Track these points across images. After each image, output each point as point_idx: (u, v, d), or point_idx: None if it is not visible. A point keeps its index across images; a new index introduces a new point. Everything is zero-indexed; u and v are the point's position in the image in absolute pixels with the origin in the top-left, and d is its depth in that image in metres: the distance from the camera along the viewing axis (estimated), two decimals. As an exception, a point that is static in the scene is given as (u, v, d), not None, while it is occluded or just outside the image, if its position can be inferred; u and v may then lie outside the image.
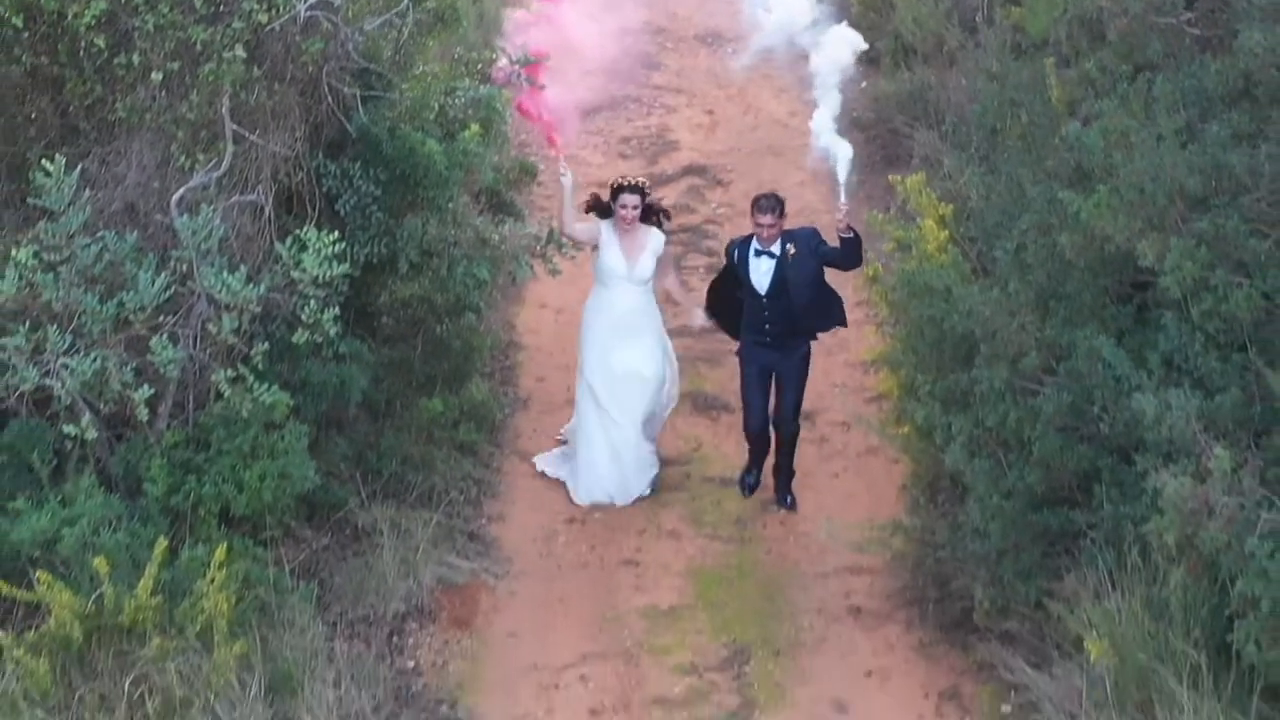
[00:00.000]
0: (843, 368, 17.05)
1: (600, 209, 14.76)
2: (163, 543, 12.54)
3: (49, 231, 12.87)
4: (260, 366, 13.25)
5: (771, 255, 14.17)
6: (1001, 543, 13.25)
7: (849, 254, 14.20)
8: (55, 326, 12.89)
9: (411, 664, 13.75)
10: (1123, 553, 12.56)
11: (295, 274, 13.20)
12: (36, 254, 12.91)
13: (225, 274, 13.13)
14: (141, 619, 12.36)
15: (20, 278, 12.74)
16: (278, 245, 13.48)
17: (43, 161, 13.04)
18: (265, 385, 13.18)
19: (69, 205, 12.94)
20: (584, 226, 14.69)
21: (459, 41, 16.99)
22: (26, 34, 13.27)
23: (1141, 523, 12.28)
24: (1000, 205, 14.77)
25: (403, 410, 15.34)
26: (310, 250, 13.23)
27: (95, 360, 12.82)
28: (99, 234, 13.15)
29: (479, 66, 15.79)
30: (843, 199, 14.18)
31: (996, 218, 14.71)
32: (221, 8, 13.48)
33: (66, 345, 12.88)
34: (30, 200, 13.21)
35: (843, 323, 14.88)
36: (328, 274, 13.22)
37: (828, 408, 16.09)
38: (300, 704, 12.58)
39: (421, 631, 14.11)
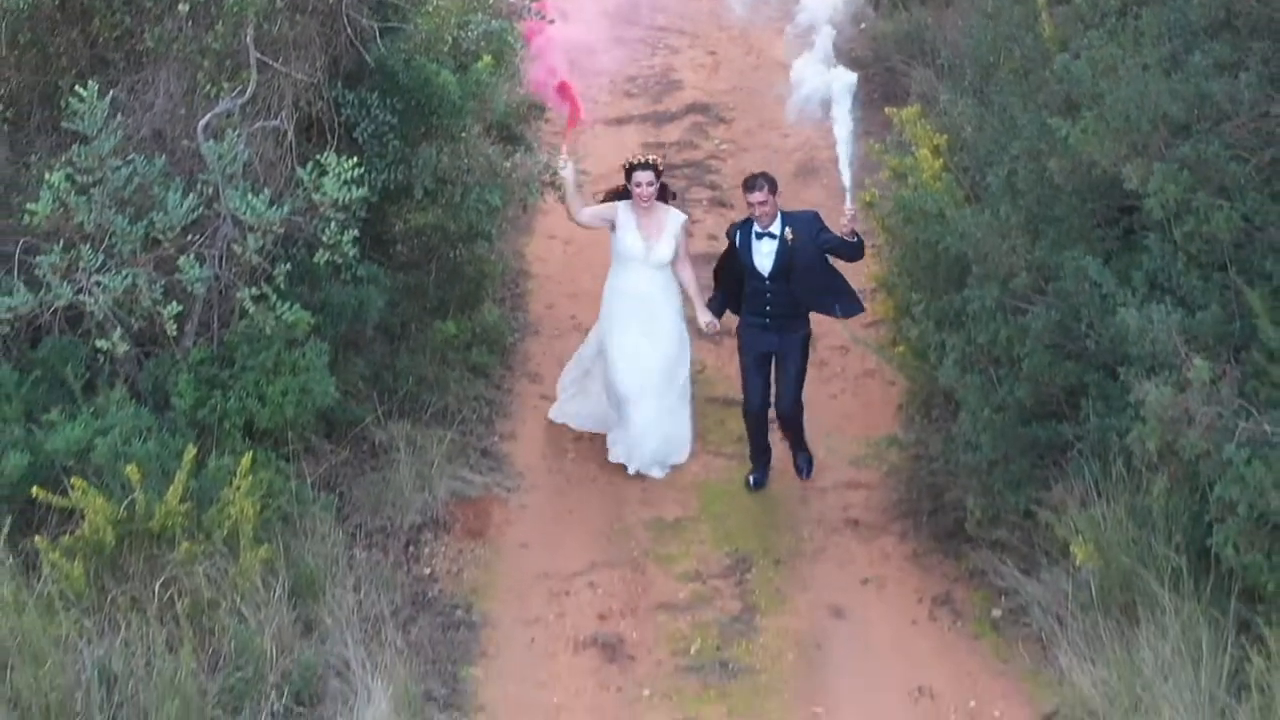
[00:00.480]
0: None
1: (619, 195, 14.49)
2: (191, 450, 12.86)
3: (82, 154, 13.11)
4: (282, 286, 13.51)
5: (773, 236, 14.00)
6: (992, 454, 13.60)
7: (852, 251, 14.14)
8: (88, 246, 13.20)
9: (428, 571, 14.15)
10: (1108, 463, 12.97)
11: (316, 197, 13.43)
12: (69, 177, 13.16)
13: (249, 196, 13.38)
14: (171, 524, 12.70)
15: (54, 199, 13.02)
16: (299, 170, 13.73)
17: (75, 88, 13.28)
18: (287, 304, 13.44)
19: (101, 130, 13.17)
20: (592, 210, 14.50)
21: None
22: (57, -32, 13.55)
23: (1126, 434, 12.63)
24: (992, 135, 14.97)
25: (417, 333, 15.62)
26: (330, 175, 13.47)
27: (126, 278, 13.13)
28: (129, 158, 13.39)
29: (490, 1, 15.93)
30: (848, 203, 14.07)
31: (988, 146, 14.89)
32: (246, -58, 13.68)
33: (99, 264, 13.19)
34: (64, 124, 13.46)
35: (860, 308, 14.60)
36: (347, 197, 13.45)
37: (827, 333, 16.32)
38: (322, 607, 12.95)
39: (437, 541, 14.54)
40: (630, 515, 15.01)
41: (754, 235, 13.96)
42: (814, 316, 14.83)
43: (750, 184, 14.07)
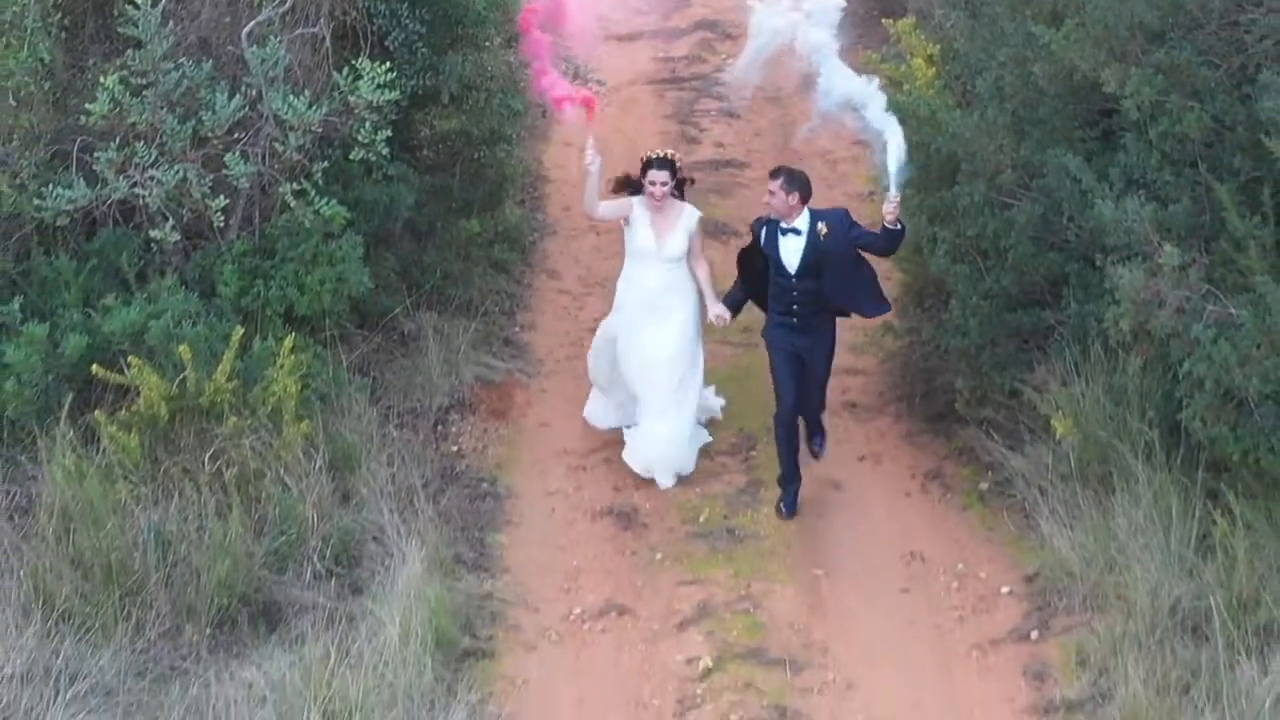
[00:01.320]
0: (842, 198, 17.19)
1: (631, 186, 13.91)
2: (239, 331, 13.46)
3: (135, 59, 13.58)
4: (320, 183, 14.03)
5: (798, 233, 13.33)
6: (980, 339, 14.10)
7: (890, 242, 13.48)
8: (141, 143, 13.68)
9: (455, 448, 14.71)
10: (1087, 346, 13.55)
11: (351, 99, 13.90)
12: (124, 79, 13.63)
13: (290, 98, 13.84)
14: (219, 400, 13.31)
15: (110, 100, 13.48)
16: (335, 74, 14.17)
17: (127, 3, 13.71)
18: (324, 200, 13.95)
19: (153, 36, 13.55)
20: (608, 204, 13.84)
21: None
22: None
23: (1103, 319, 13.15)
24: (981, 44, 15.18)
25: (443, 231, 16.02)
26: (365, 78, 13.94)
27: (177, 173, 13.62)
28: (178, 62, 13.80)
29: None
30: (893, 190, 13.30)
31: (978, 55, 15.14)
32: None
33: (151, 160, 13.68)
34: (120, 29, 13.82)
35: (887, 306, 14.04)
36: (380, 99, 13.92)
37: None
38: (359, 479, 13.57)
39: (463, 421, 15.09)
40: None
41: (779, 231, 13.34)
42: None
43: (773, 172, 13.55)
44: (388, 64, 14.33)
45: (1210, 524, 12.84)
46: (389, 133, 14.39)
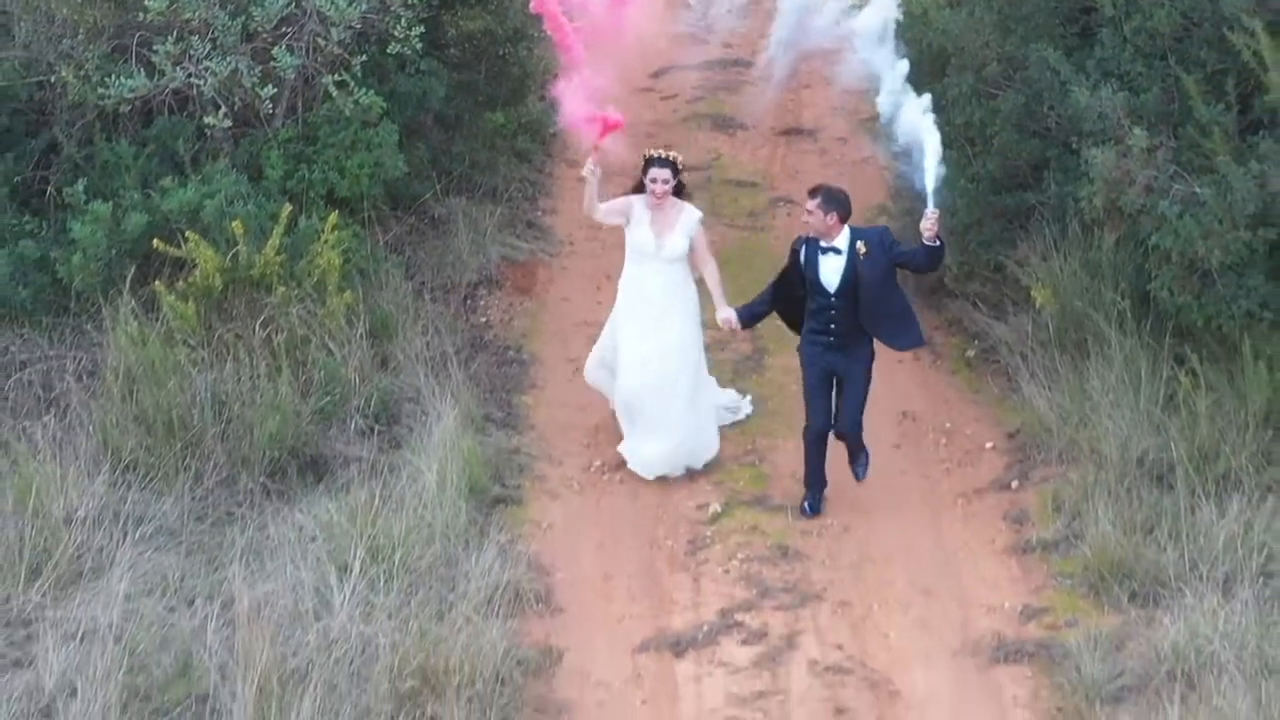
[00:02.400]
0: (840, 95, 17.88)
1: (635, 188, 13.42)
2: (287, 209, 14.07)
3: None
4: (358, 75, 14.49)
5: (838, 252, 12.66)
6: (968, 219, 14.74)
7: (930, 259, 12.85)
8: (196, 37, 14.15)
9: (483, 320, 15.33)
10: (1065, 224, 14.27)
11: None
12: None
13: None
14: (269, 273, 13.91)
15: None
16: None
17: None
18: (363, 90, 14.42)
19: None
20: (608, 206, 13.33)
21: None
22: None
23: (1080, 199, 13.79)
24: None
25: (470, 122, 16.51)
26: None
27: (229, 64, 14.14)
28: None
29: None
30: (930, 206, 12.62)
31: None
32: None
33: (206, 52, 14.17)
34: None
35: (917, 341, 13.27)
36: None
37: (828, 126, 17.57)
38: (396, 345, 14.21)
39: (490, 296, 15.69)
40: None
41: (819, 250, 12.69)
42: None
43: (811, 191, 12.91)
44: None
45: (1175, 384, 13.49)
46: (422, 29, 14.72)
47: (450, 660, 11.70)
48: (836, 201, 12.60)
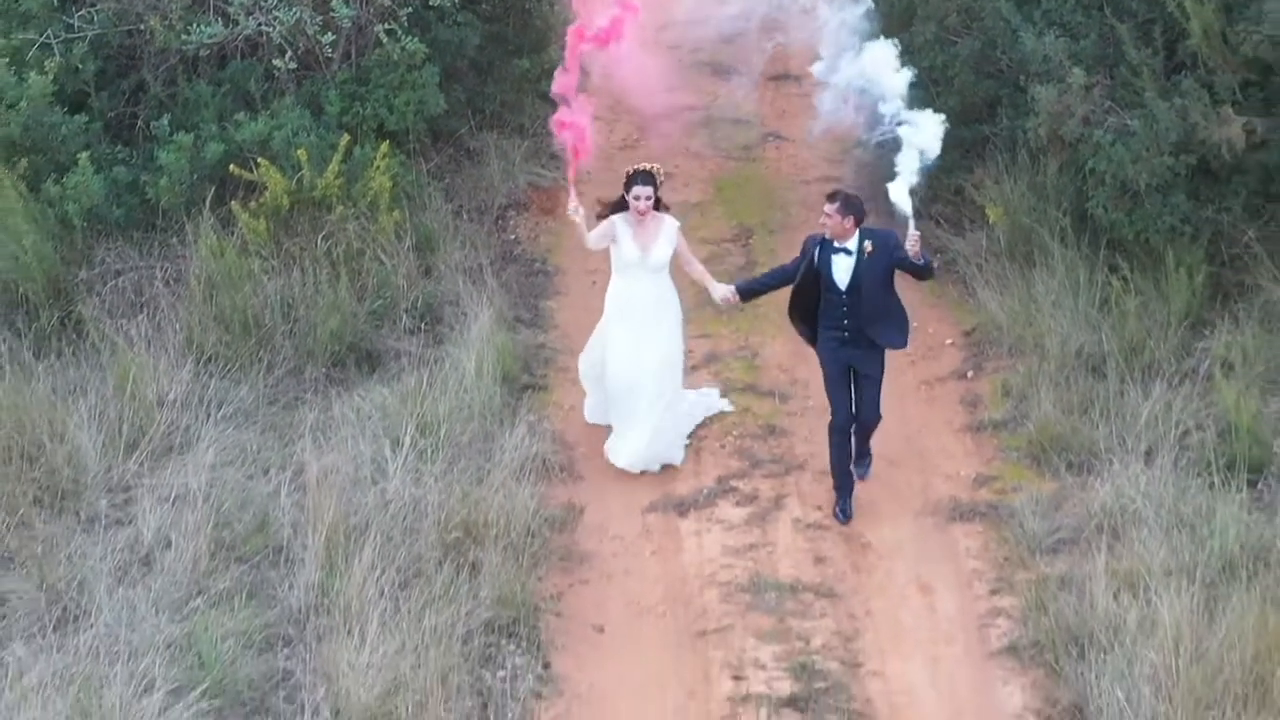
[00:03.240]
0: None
1: (617, 206, 12.85)
2: (344, 139, 14.46)
3: None
4: (404, 25, 14.84)
5: (849, 252, 12.18)
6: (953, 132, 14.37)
7: (923, 271, 12.35)
8: None
9: (513, 237, 15.78)
10: (1015, 153, 14.72)
11: None
12: None
13: None
14: (329, 194, 14.32)
15: None
16: None
17: None
18: (409, 37, 14.76)
19: None
20: (598, 233, 12.79)
21: None
22: None
23: (1028, 130, 14.24)
24: None
25: (500, 68, 16.71)
26: None
27: (295, 13, 14.53)
28: None
29: None
30: (911, 227, 12.17)
31: None
32: None
33: (274, 3, 14.57)
34: None
35: (902, 342, 12.66)
36: None
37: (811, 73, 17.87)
38: (438, 257, 14.66)
39: (518, 217, 16.11)
40: (668, 197, 14.89)
41: (831, 250, 12.22)
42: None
43: (829, 195, 12.39)
44: None
45: (1108, 289, 13.98)
46: None
47: (488, 516, 12.16)
48: (854, 206, 12.14)
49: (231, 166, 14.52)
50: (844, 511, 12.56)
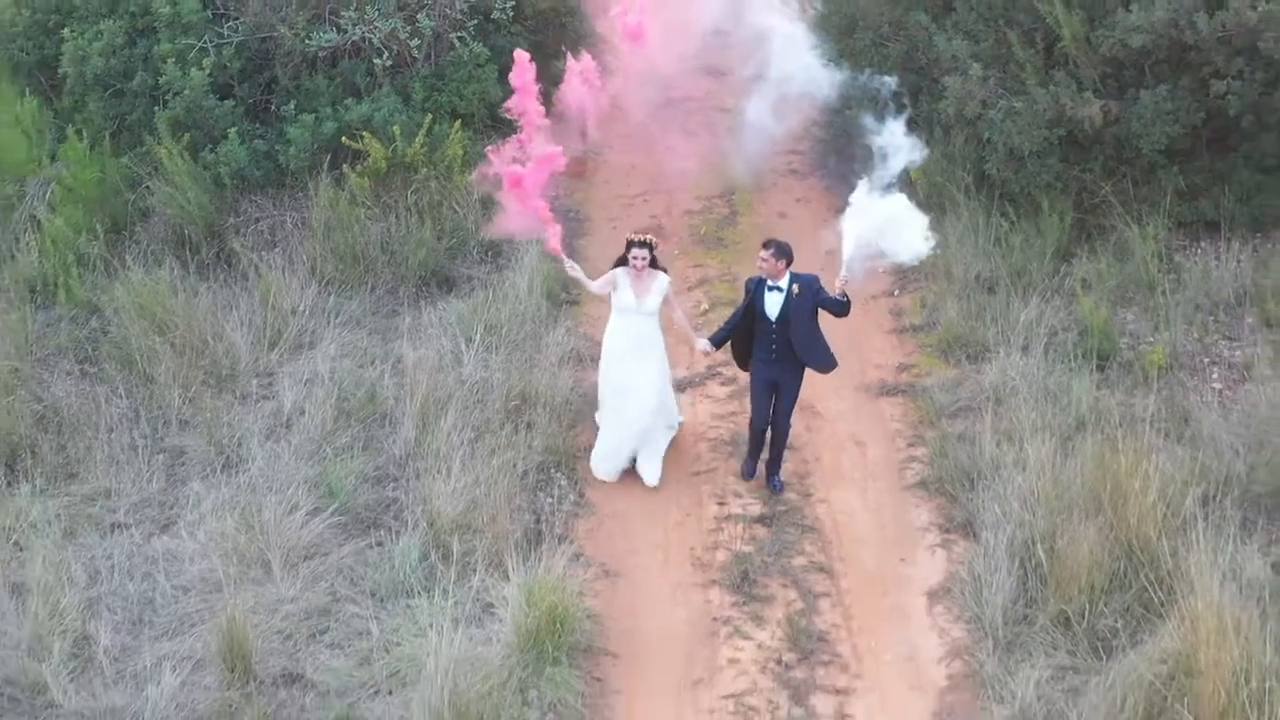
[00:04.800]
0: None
1: (620, 261, 12.49)
2: (428, 118, 14.99)
3: None
4: (472, 34, 15.49)
5: (780, 290, 11.91)
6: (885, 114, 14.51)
7: (840, 308, 12.00)
8: (369, 6, 15.19)
9: (553, 194, 14.88)
10: (933, 129, 15.06)
11: None
12: None
13: None
14: (416, 160, 14.93)
15: None
16: None
17: None
18: (475, 43, 15.42)
19: None
20: (602, 280, 12.50)
21: None
22: None
23: (941, 111, 14.77)
24: None
25: (543, 67, 15.01)
26: None
27: (390, 24, 15.21)
28: None
29: None
30: (844, 272, 11.87)
31: None
32: None
33: (374, 17, 15.22)
34: None
35: (830, 367, 12.26)
36: None
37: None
38: (496, 209, 14.04)
39: (556, 178, 14.72)
40: (667, 167, 16.41)
41: (766, 288, 12.00)
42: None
43: (764, 244, 12.15)
44: None
45: (1001, 229, 14.62)
46: (512, 5, 15.83)
47: (538, 390, 13.00)
48: (784, 252, 11.94)
49: (343, 139, 14.95)
50: (748, 473, 12.49)
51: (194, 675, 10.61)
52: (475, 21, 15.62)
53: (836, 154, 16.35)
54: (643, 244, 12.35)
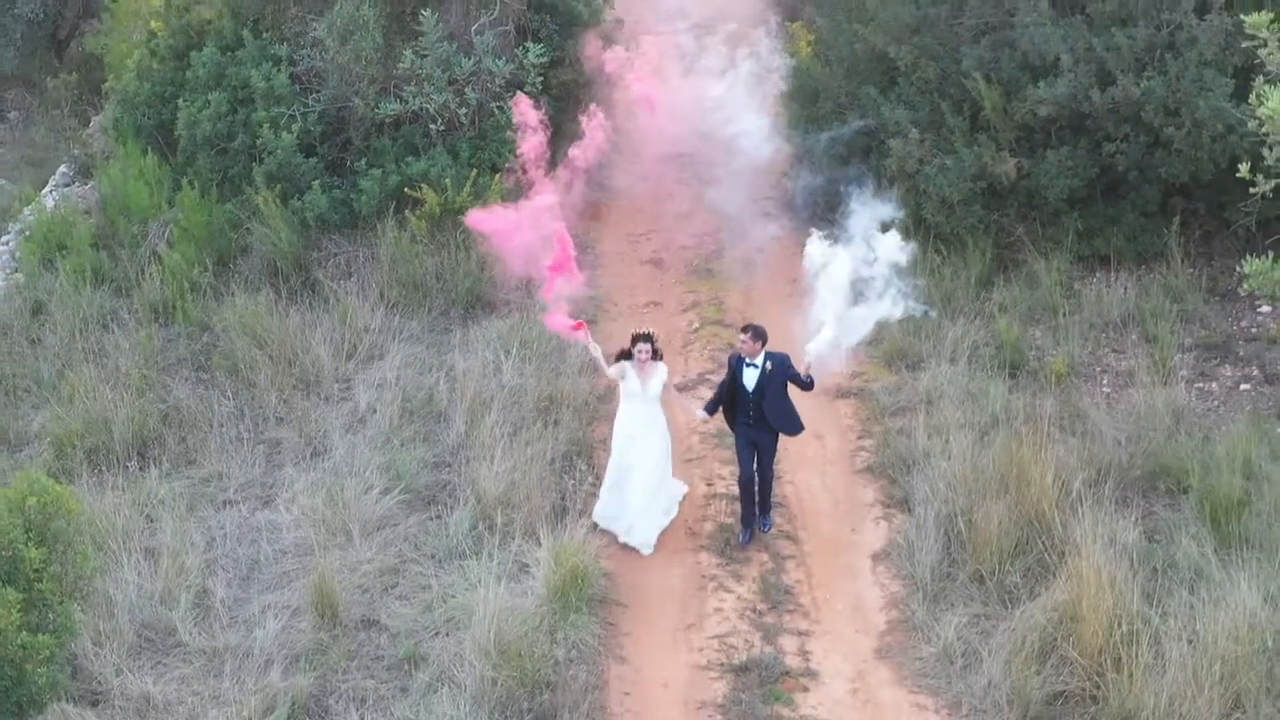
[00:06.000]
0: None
1: (625, 355, 12.03)
2: (474, 172, 15.29)
3: (422, 42, 15.45)
4: (508, 104, 15.40)
5: (756, 366, 11.66)
6: (829, 177, 15.52)
7: (806, 386, 11.79)
8: (427, 83, 15.50)
9: (575, 233, 14.73)
10: (879, 180, 14.99)
11: (524, 62, 15.89)
12: (416, 51, 15.54)
13: (495, 61, 15.75)
14: (464, 205, 14.89)
15: (414, 58, 15.37)
16: (516, 50, 16.02)
17: (419, 13, 15.38)
18: (509, 113, 15.27)
19: (431, 29, 15.29)
20: (614, 370, 12.04)
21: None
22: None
23: (886, 166, 15.00)
24: (831, 34, 16.73)
25: (565, 128, 15.96)
26: (530, 52, 15.90)
27: (443, 97, 15.56)
28: (440, 43, 15.51)
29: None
30: (807, 358, 11.72)
31: (830, 39, 16.74)
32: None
33: (431, 91, 15.54)
34: (414, 26, 15.37)
35: (797, 431, 12.04)
36: (536, 62, 15.86)
37: None
38: None
39: (576, 218, 15.48)
40: (666, 210, 16.62)
41: (744, 365, 11.74)
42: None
43: (743, 328, 12.00)
44: (540, 45, 15.98)
45: (934, 263, 14.82)
46: (540, 79, 15.98)
47: (563, 393, 13.36)
48: (760, 335, 11.75)
49: (405, 189, 15.30)
50: (745, 541, 12.10)
51: (292, 621, 11.16)
52: (511, 93, 15.71)
53: (801, 200, 16.41)
54: (646, 337, 12.06)
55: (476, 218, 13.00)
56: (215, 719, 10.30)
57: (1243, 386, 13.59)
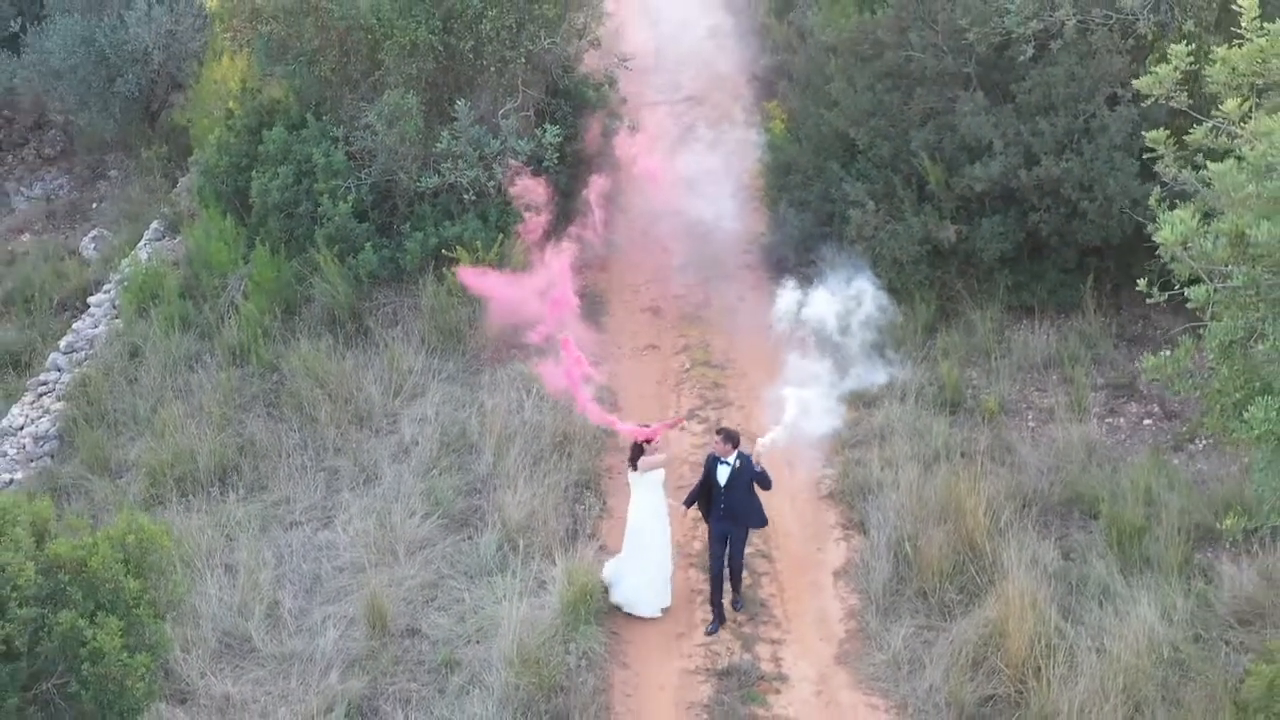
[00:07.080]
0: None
1: (639, 450, 11.29)
2: (500, 237, 15.15)
3: (456, 128, 15.41)
4: (529, 175, 15.13)
5: (727, 464, 11.20)
6: (800, 236, 15.55)
7: (764, 482, 11.26)
8: (460, 160, 15.38)
9: (583, 283, 15.84)
10: (842, 243, 14.85)
11: (543, 140, 15.69)
12: (451, 132, 15.27)
13: (518, 140, 15.62)
14: (491, 261, 14.58)
15: (449, 139, 15.20)
16: (536, 130, 15.86)
17: (456, 101, 15.32)
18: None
19: (463, 115, 15.29)
20: (658, 458, 11.44)
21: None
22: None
23: (848, 230, 14.84)
24: (801, 114, 16.62)
25: (578, 195, 16.31)
26: (548, 132, 15.76)
27: (475, 172, 15.49)
28: (472, 126, 15.42)
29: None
30: (759, 447, 11.28)
31: (801, 118, 16.58)
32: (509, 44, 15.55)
33: (464, 167, 15.48)
34: (449, 111, 15.36)
35: (761, 525, 11.55)
36: (554, 140, 15.72)
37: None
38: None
39: (588, 271, 16.09)
40: (663, 263, 16.42)
41: (718, 463, 11.29)
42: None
43: (717, 430, 11.57)
44: (556, 126, 15.93)
45: (891, 314, 13.87)
46: (558, 154, 15.94)
47: (575, 430, 13.23)
48: (732, 438, 11.34)
49: (442, 249, 15.25)
50: (712, 630, 11.47)
51: (348, 630, 11.25)
52: (532, 167, 15.73)
53: (778, 253, 16.33)
54: (651, 447, 11.47)
55: (466, 274, 12.90)
56: (284, 716, 10.37)
57: (1145, 422, 13.59)
